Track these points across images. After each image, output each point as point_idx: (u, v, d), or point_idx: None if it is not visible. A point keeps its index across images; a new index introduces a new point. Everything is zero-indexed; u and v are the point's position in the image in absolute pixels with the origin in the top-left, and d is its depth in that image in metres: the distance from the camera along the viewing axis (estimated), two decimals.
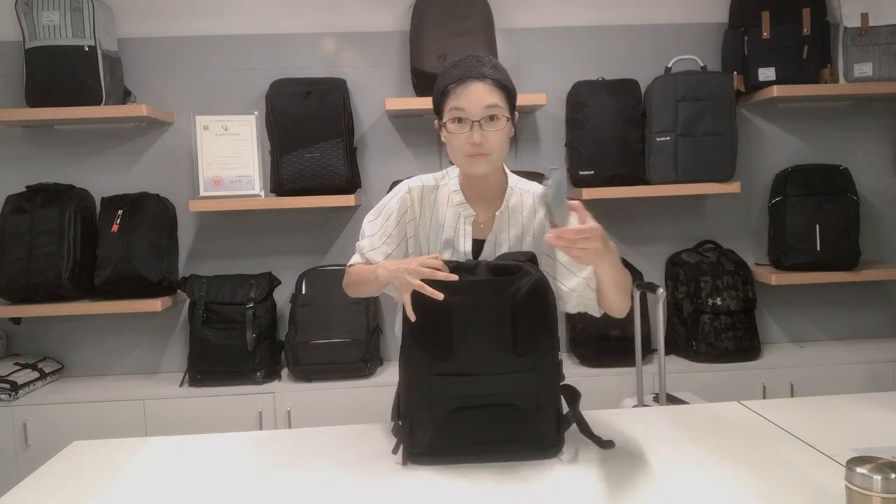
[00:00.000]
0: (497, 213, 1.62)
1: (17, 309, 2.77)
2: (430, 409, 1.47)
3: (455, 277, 1.44)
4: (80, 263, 2.77)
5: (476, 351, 1.45)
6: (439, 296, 1.42)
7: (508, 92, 1.54)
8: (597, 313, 1.63)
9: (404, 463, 1.49)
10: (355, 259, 1.70)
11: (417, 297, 1.45)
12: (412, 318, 1.45)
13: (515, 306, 1.44)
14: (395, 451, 1.52)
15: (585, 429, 1.56)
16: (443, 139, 1.57)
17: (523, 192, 1.65)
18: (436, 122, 1.59)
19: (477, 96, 1.49)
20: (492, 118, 1.51)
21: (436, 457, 1.48)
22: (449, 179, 1.66)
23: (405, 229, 1.66)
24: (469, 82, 1.50)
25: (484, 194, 1.63)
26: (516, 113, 1.57)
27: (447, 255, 1.61)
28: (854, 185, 2.97)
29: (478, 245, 1.63)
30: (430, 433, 1.47)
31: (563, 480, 1.40)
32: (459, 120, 1.51)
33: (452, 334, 1.45)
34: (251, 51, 2.98)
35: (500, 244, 1.63)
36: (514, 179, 1.66)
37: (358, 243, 1.70)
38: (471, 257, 1.61)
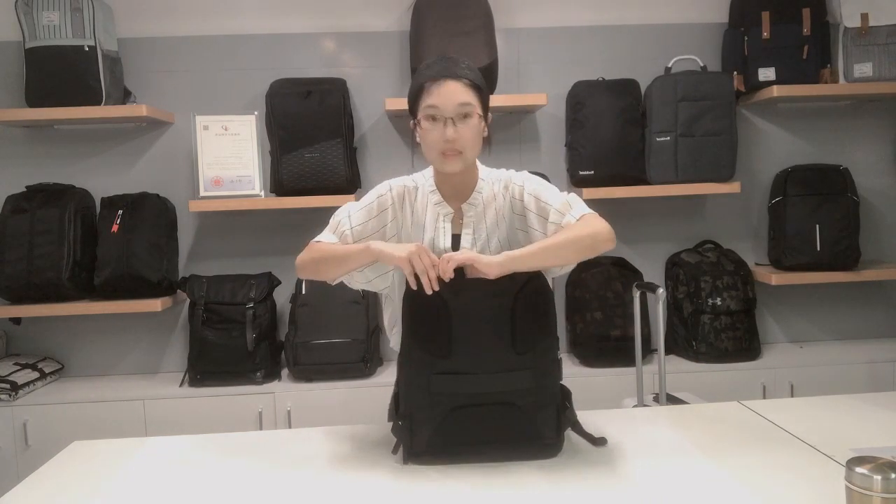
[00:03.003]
0: (462, 205, 1.64)
1: (17, 309, 2.77)
2: (430, 408, 1.47)
3: (451, 275, 1.44)
4: (80, 263, 2.77)
5: (475, 349, 1.46)
6: (431, 288, 1.43)
7: (481, 92, 1.57)
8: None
9: (404, 463, 1.50)
10: (325, 237, 1.68)
11: (420, 297, 1.46)
12: (413, 286, 1.45)
13: (514, 305, 1.46)
14: (395, 451, 1.52)
15: (578, 427, 1.57)
16: (417, 139, 1.60)
17: (494, 182, 1.67)
18: (411, 122, 1.61)
19: (451, 94, 1.53)
20: (465, 116, 1.54)
21: (436, 456, 1.48)
22: (425, 180, 1.69)
23: (384, 221, 1.67)
24: (443, 81, 1.54)
25: (459, 191, 1.65)
26: (490, 114, 1.61)
27: None
28: (854, 185, 2.96)
29: (456, 239, 1.65)
30: (429, 432, 1.48)
31: (563, 480, 1.40)
32: (434, 118, 1.54)
33: (452, 333, 1.46)
34: (251, 51, 2.98)
35: (479, 233, 1.64)
36: (484, 171, 1.69)
37: (333, 219, 1.69)
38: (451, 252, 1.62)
